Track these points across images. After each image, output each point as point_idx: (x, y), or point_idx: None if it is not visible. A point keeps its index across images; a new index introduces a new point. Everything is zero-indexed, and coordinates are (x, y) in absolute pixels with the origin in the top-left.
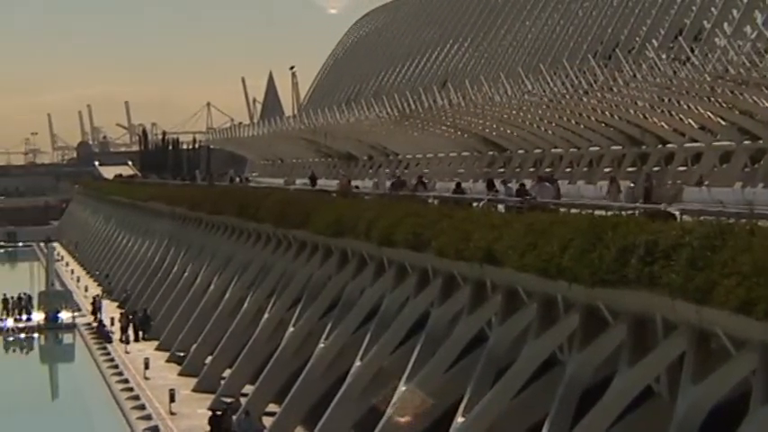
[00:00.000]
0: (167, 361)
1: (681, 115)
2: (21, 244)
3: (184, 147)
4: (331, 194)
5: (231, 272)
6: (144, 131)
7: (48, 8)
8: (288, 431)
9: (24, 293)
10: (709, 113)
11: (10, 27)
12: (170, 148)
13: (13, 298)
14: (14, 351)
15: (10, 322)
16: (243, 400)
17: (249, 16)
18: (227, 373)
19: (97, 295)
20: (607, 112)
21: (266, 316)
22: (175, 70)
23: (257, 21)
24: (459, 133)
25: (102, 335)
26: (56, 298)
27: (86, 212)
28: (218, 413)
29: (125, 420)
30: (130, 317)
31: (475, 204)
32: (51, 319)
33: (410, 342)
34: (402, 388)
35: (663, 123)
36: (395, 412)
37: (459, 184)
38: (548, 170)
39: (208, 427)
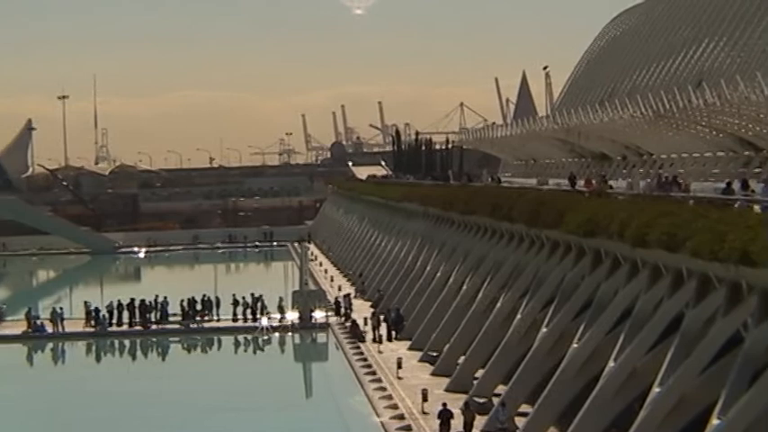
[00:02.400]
0: (420, 361)
1: None
2: (275, 243)
3: (437, 147)
4: (584, 194)
5: (484, 272)
6: (397, 132)
7: (309, 9)
8: (541, 431)
9: (252, 294)
10: None
11: (267, 30)
12: (423, 148)
13: (243, 298)
14: (269, 350)
15: (265, 321)
16: (495, 401)
17: (501, 15)
18: (479, 373)
19: (346, 295)
20: None
21: (519, 316)
22: (428, 70)
23: (510, 20)
24: (714, 133)
25: (355, 334)
26: (309, 297)
27: (340, 212)
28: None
29: (378, 420)
30: (383, 316)
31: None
32: (305, 318)
33: (664, 343)
34: (656, 389)
35: None
36: (649, 414)
37: (729, 184)
38: None
39: (460, 428)
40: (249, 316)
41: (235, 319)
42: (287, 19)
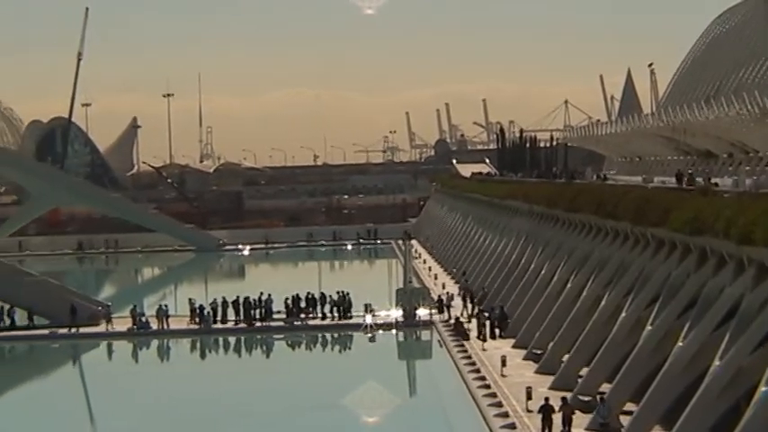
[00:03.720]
0: (524, 359)
1: None
2: (379, 241)
3: (542, 144)
4: (690, 192)
5: (588, 270)
6: (501, 129)
7: (415, 8)
8: (645, 430)
9: (339, 292)
10: None
11: (372, 28)
12: (527, 145)
13: (330, 296)
14: (373, 348)
15: (369, 319)
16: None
17: (606, 13)
18: (583, 371)
19: (446, 293)
20: None
21: (623, 315)
22: (533, 68)
23: (615, 18)
24: None
25: (459, 332)
26: (413, 295)
27: (443, 210)
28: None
29: (482, 417)
30: (487, 314)
31: None
32: (409, 316)
33: None
34: (763, 388)
35: None
36: (755, 413)
37: None
38: None
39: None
40: (336, 314)
41: (323, 317)
42: (392, 17)
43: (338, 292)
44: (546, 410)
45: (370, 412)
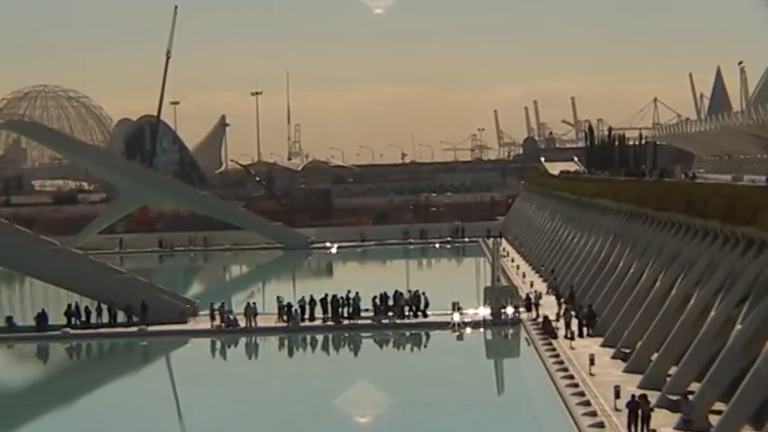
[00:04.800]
0: (613, 357)
1: None
2: (467, 239)
3: (630, 143)
4: None
5: (677, 269)
6: (590, 127)
7: (504, 6)
8: (734, 430)
9: (411, 290)
10: None
11: (461, 26)
12: (616, 144)
13: (402, 294)
14: (461, 346)
15: (456, 317)
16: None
17: (695, 11)
18: (672, 370)
19: (534, 291)
20: None
21: (712, 313)
22: (622, 66)
23: (705, 15)
24: None
25: (547, 330)
26: (501, 293)
27: (531, 208)
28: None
29: (570, 416)
30: (575, 313)
31: None
32: (497, 314)
33: None
34: None
35: None
36: None
37: None
38: None
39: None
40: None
41: (401, 315)
42: (480, 15)
43: (409, 291)
44: (633, 406)
45: (456, 410)
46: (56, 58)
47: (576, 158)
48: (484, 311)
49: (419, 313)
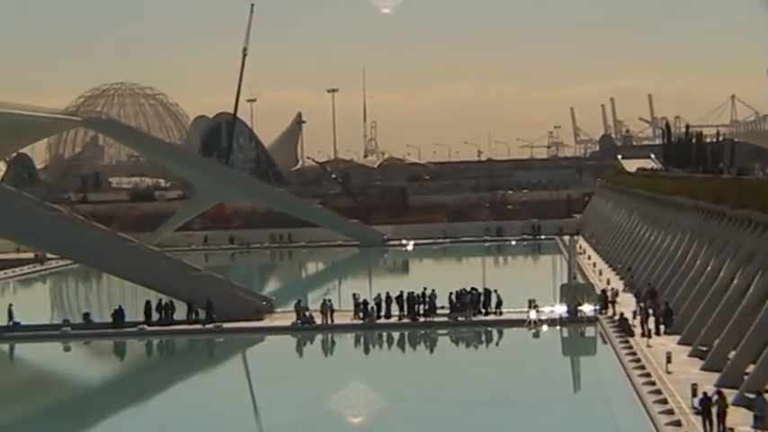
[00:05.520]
0: (690, 355)
1: None
2: (543, 237)
3: (708, 140)
4: None
5: (754, 267)
6: (667, 124)
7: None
8: None
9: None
10: None
11: (537, 24)
12: (693, 141)
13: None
14: (537, 343)
15: (533, 314)
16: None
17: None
18: (750, 368)
19: (610, 289)
20: None
21: None
22: (699, 64)
23: None
24: None
25: (623, 328)
26: (577, 291)
27: (608, 205)
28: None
29: (646, 414)
30: (652, 310)
31: None
32: (573, 312)
33: None
34: None
35: None
36: None
37: None
38: None
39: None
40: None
41: (477, 313)
42: (558, 13)
43: (474, 289)
44: (706, 405)
45: (532, 408)
46: (133, 56)
47: (652, 156)
48: (560, 309)
49: (492, 311)
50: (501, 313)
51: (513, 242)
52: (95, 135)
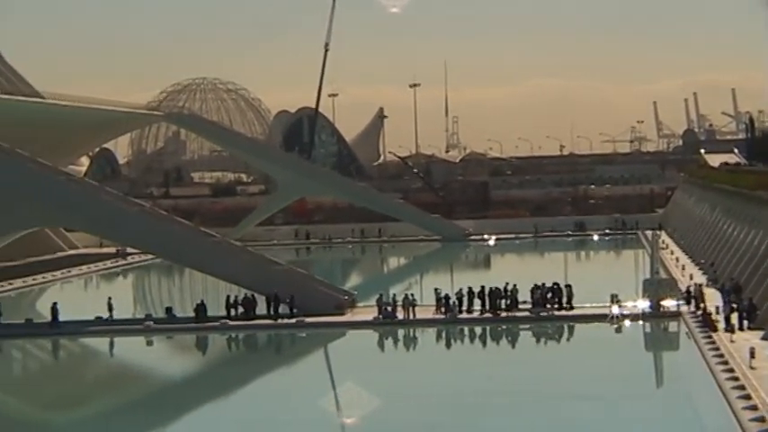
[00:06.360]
0: None
1: None
2: (626, 231)
3: None
4: None
5: None
6: (751, 119)
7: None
8: None
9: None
10: None
11: (619, 20)
12: None
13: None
14: (619, 339)
15: (615, 309)
16: None
17: None
18: None
19: (693, 284)
20: None
21: None
22: None
23: None
24: None
25: (706, 323)
26: (660, 286)
27: (691, 200)
28: None
29: (730, 410)
30: (735, 306)
31: None
32: (656, 306)
33: None
34: None
35: None
36: None
37: None
38: None
39: None
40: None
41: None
42: (641, 7)
43: (553, 284)
44: None
45: (614, 404)
46: (214, 51)
47: (736, 150)
48: (643, 304)
49: (568, 306)
50: (571, 308)
51: (596, 237)
52: (177, 130)
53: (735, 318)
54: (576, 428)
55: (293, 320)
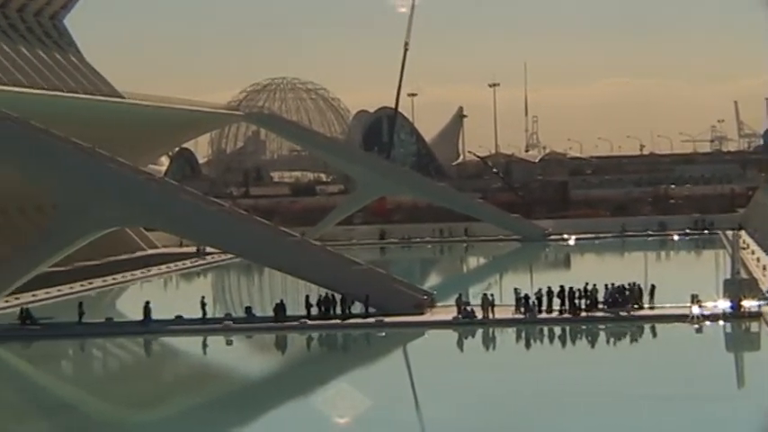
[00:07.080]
0: None
1: None
2: (707, 231)
3: None
4: None
5: None
6: None
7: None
8: None
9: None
10: None
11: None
12: None
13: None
14: (699, 339)
15: (696, 310)
16: None
17: None
18: None
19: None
20: None
21: None
22: None
23: None
24: None
25: None
26: (741, 286)
27: None
28: None
29: None
30: None
31: None
32: (737, 307)
33: None
34: None
35: None
36: None
37: None
38: None
39: None
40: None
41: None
42: (720, 7)
43: (631, 284)
44: None
45: (695, 404)
46: (294, 51)
47: None
48: (723, 304)
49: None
50: (653, 308)
51: (676, 237)
52: (257, 130)
53: None
54: (660, 429)
55: (372, 320)
